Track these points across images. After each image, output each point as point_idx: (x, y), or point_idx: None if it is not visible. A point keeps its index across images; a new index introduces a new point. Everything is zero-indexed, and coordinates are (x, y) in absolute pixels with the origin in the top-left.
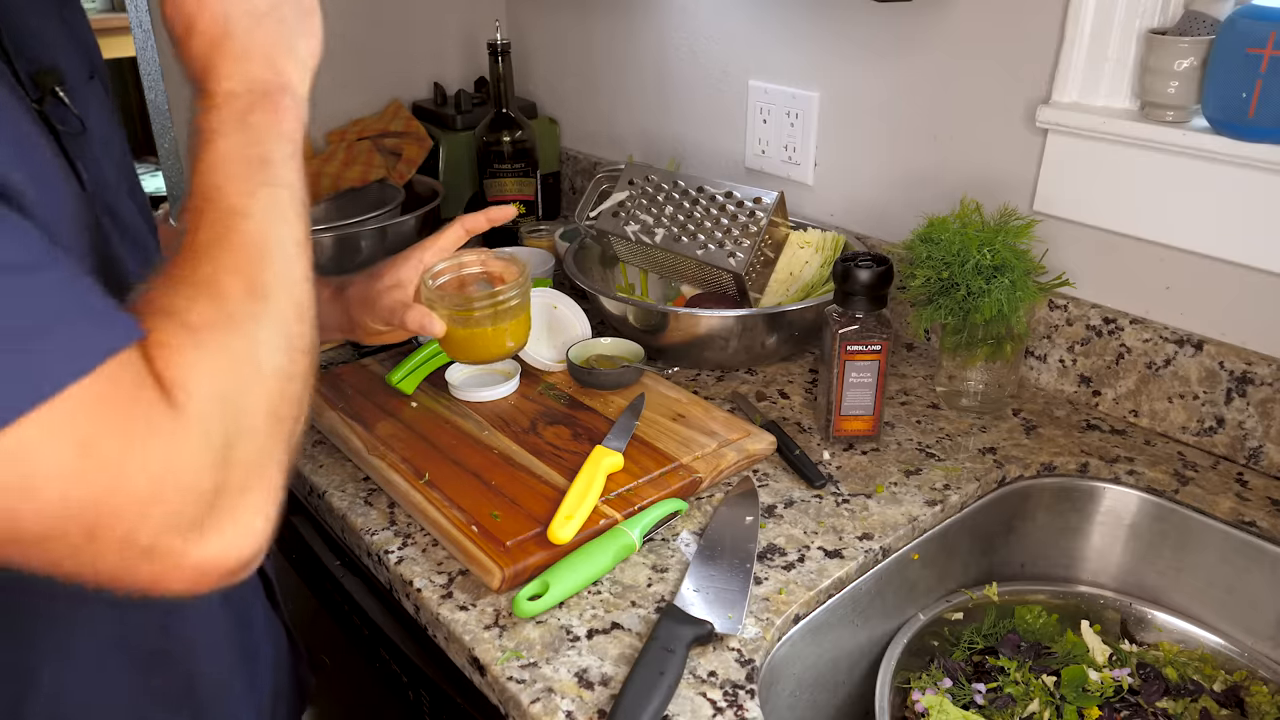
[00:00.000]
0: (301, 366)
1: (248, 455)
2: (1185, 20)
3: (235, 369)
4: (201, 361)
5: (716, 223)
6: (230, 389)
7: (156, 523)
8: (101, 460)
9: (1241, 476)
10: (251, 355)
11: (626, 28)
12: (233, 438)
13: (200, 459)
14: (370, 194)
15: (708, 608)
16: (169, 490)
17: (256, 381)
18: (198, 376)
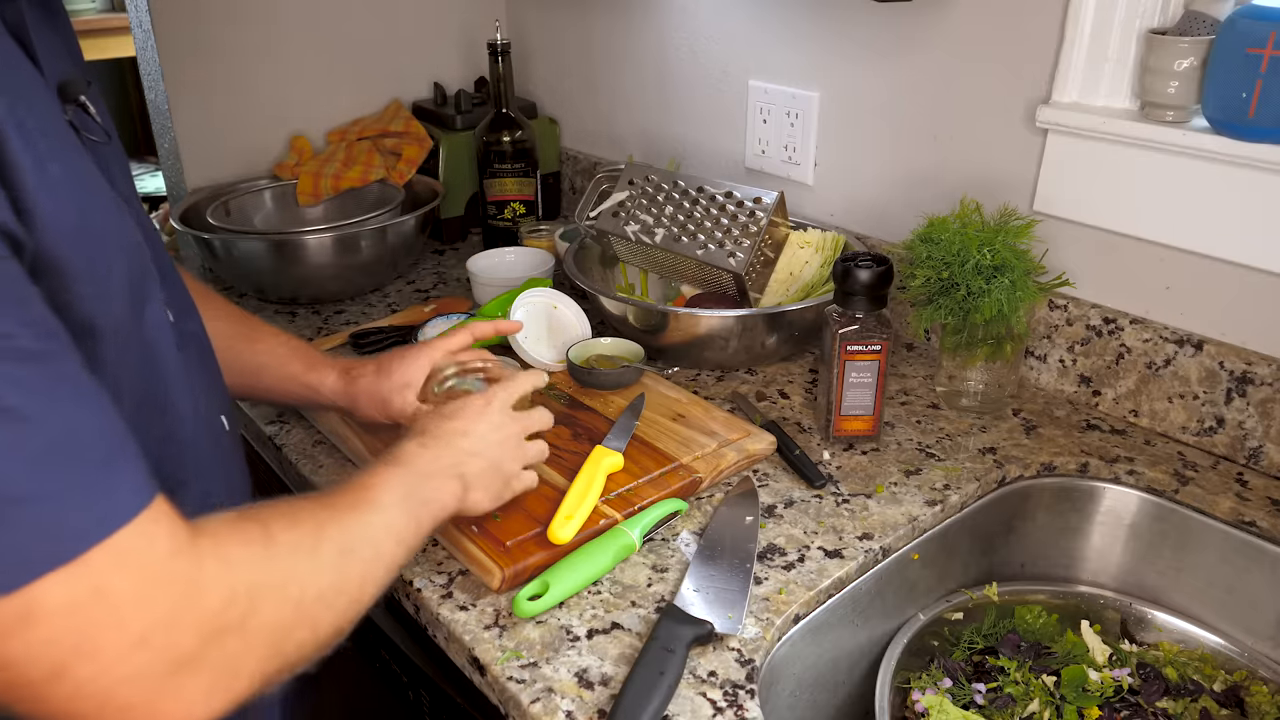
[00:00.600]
0: (320, 637)
1: (236, 650)
2: (1185, 20)
3: (277, 586)
4: (254, 560)
5: (716, 223)
6: (260, 596)
7: (128, 671)
8: (109, 605)
9: (1241, 476)
10: (299, 591)
11: (626, 28)
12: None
13: (200, 626)
14: (370, 194)
15: (708, 608)
16: (156, 642)
17: (287, 610)
18: (244, 568)
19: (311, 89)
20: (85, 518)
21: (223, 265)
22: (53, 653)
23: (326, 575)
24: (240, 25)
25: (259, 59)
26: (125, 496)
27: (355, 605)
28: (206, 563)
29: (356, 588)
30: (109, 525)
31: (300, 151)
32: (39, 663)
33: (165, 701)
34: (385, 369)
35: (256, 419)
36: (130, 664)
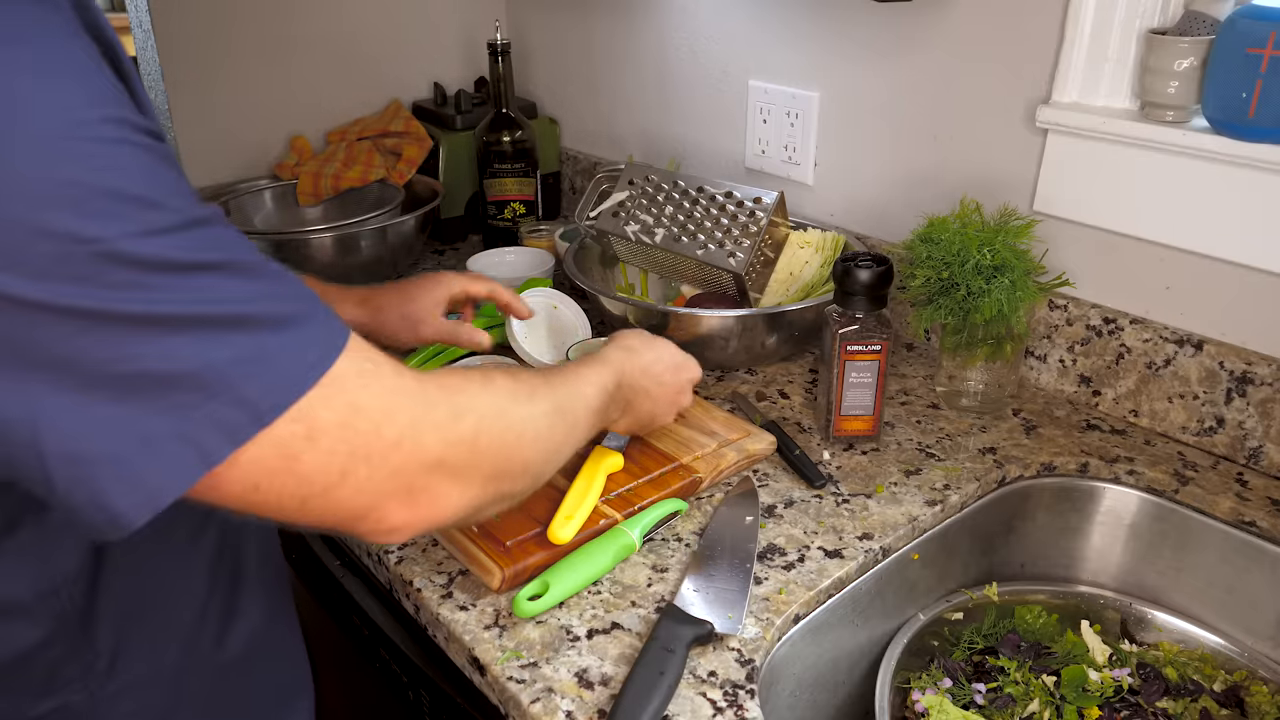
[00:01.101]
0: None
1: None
2: (1185, 20)
3: (495, 416)
4: (474, 391)
5: (716, 223)
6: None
7: (391, 468)
8: (367, 416)
9: (1241, 476)
10: (517, 428)
11: (626, 28)
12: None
13: (439, 433)
14: (370, 194)
15: (708, 608)
16: (407, 444)
17: (509, 438)
18: (465, 395)
19: (311, 89)
20: (323, 339)
21: None
22: (336, 461)
23: (538, 422)
24: (240, 25)
25: (259, 59)
26: (337, 324)
27: (555, 459)
28: (429, 383)
29: (560, 443)
30: (339, 345)
31: (300, 151)
32: (328, 471)
33: (419, 495)
34: (410, 294)
35: None
36: (391, 462)
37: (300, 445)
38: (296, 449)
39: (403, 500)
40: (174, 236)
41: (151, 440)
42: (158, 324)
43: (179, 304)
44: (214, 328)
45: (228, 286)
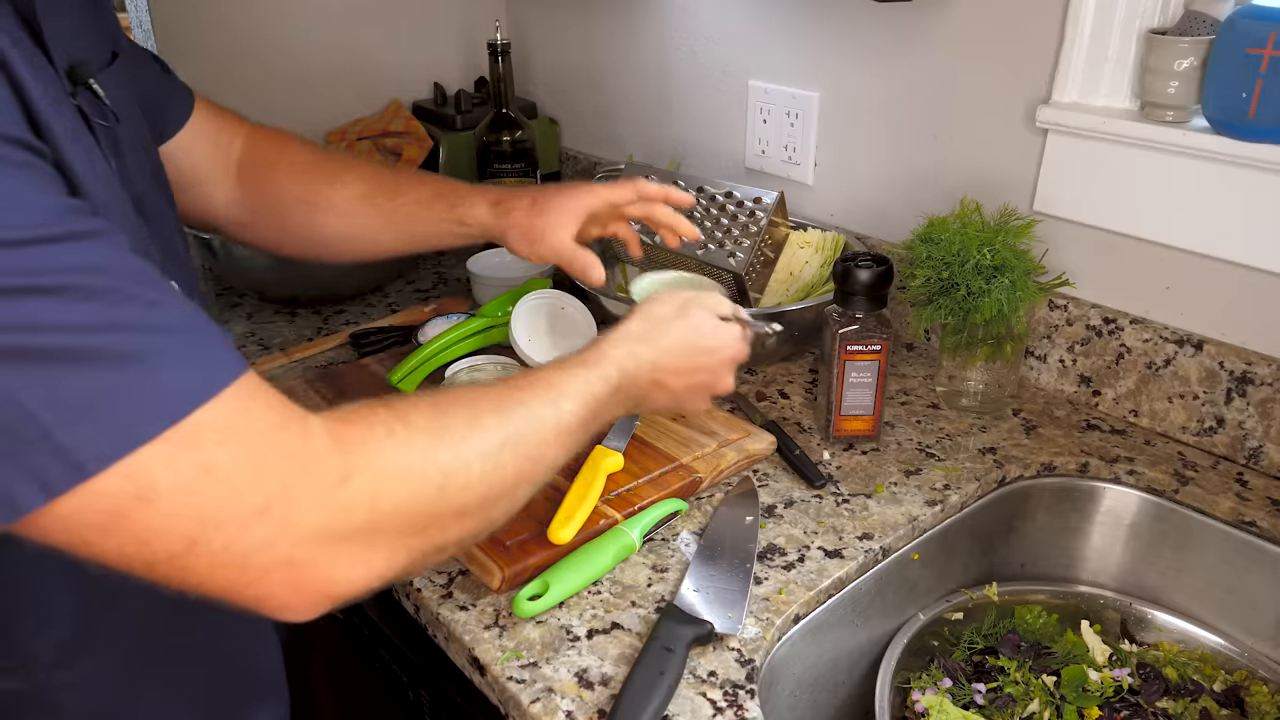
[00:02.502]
0: (467, 528)
1: (367, 526)
2: (1185, 20)
3: (409, 470)
4: (377, 443)
5: (716, 223)
6: (387, 478)
7: (256, 540)
8: (220, 477)
9: (1241, 476)
10: (440, 478)
11: (626, 28)
12: (372, 494)
13: (319, 499)
14: None
15: (708, 608)
16: (276, 511)
17: (428, 493)
18: (363, 449)
19: (311, 89)
20: (180, 384)
21: (222, 265)
22: (180, 526)
23: (474, 464)
24: (240, 25)
25: (259, 59)
26: (216, 367)
27: (510, 494)
28: (315, 439)
29: (514, 477)
30: (203, 394)
31: None
32: (171, 536)
33: (303, 569)
34: (541, 205)
35: None
36: (257, 533)
37: (130, 504)
38: (126, 508)
39: (284, 574)
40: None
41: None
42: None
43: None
44: (34, 362)
45: (62, 314)
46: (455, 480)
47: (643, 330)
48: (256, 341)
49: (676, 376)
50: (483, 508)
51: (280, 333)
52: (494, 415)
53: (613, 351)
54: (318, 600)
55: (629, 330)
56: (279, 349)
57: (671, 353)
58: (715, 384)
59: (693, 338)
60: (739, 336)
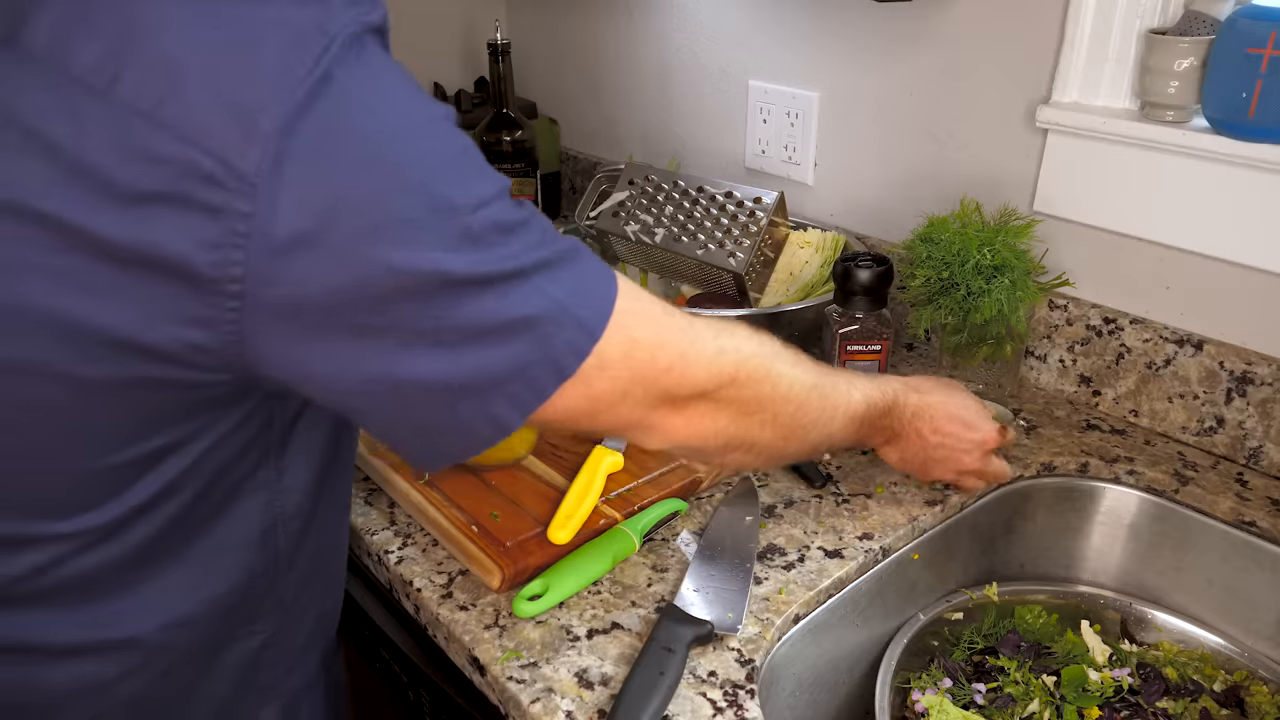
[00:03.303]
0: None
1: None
2: (1185, 20)
3: (760, 367)
4: (738, 337)
5: (716, 223)
6: (743, 364)
7: (661, 390)
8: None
9: (1241, 476)
10: (773, 385)
11: (627, 28)
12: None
13: (703, 365)
14: None
15: (708, 608)
16: (676, 371)
17: (765, 389)
18: (727, 338)
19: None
20: (605, 287)
21: None
22: (619, 385)
23: (795, 385)
24: None
25: None
26: (602, 268)
27: (803, 432)
28: (698, 323)
29: (812, 419)
30: (614, 289)
31: None
32: (613, 392)
33: (685, 413)
34: None
35: None
36: (660, 387)
37: (593, 373)
38: (590, 377)
39: (668, 415)
40: (500, 201)
41: (526, 365)
42: (514, 277)
43: (520, 257)
44: (548, 269)
45: (537, 232)
46: (783, 386)
47: (921, 384)
48: None
49: (933, 433)
50: (790, 423)
51: None
52: (814, 365)
53: (894, 382)
54: (686, 438)
55: (913, 380)
56: None
57: (935, 410)
58: (960, 460)
59: (957, 410)
60: (996, 432)
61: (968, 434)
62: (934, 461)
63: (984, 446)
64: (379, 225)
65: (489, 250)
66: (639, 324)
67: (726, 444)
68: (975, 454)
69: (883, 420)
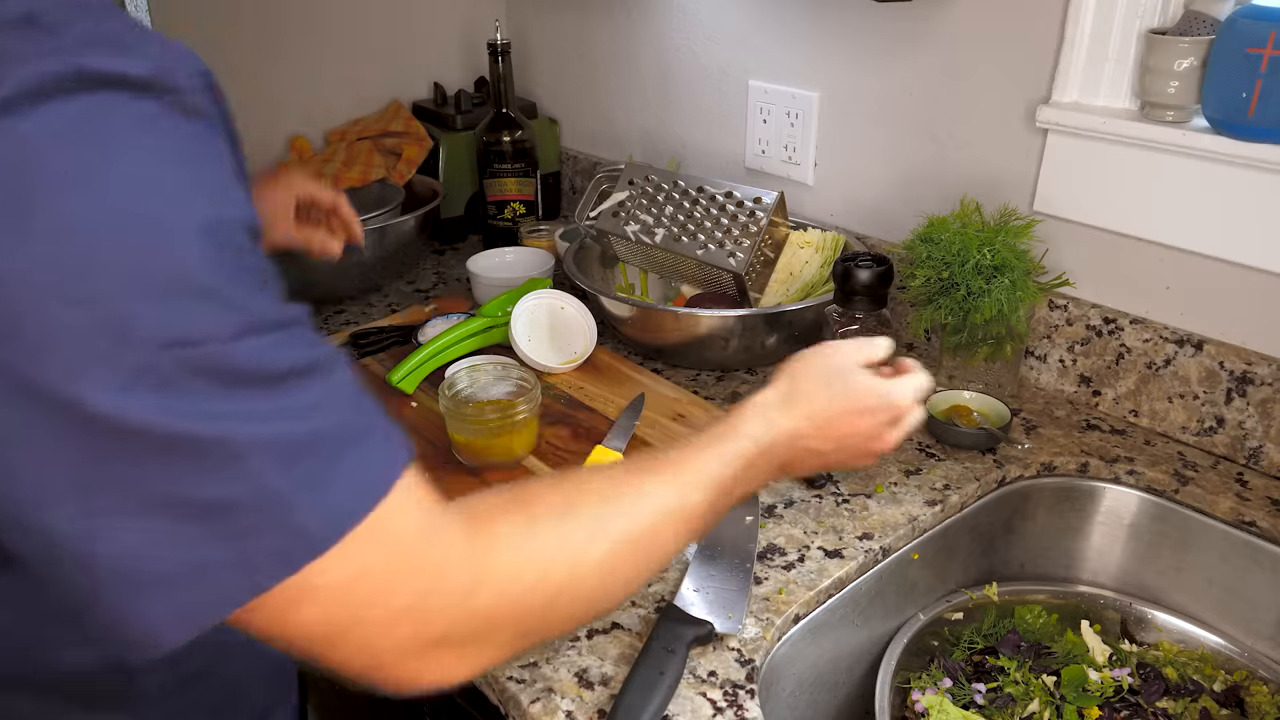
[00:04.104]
0: (577, 618)
1: (483, 628)
2: (1185, 20)
3: (531, 578)
4: (508, 547)
5: (716, 223)
6: (509, 584)
7: (390, 643)
8: (371, 583)
9: (1241, 476)
10: (554, 586)
11: (627, 28)
12: (492, 605)
13: (447, 612)
14: (370, 194)
15: (708, 608)
16: (413, 619)
17: (537, 599)
18: (492, 556)
19: (311, 89)
20: (365, 486)
21: None
22: (324, 630)
23: (593, 571)
24: (240, 25)
25: (259, 59)
26: (380, 468)
27: (624, 591)
28: (454, 548)
29: (630, 575)
30: (368, 503)
31: (300, 151)
32: (315, 634)
33: (423, 664)
34: (256, 193)
35: None
36: (392, 637)
37: (287, 607)
38: (296, 600)
39: (404, 669)
40: (262, 338)
41: (207, 566)
42: (229, 447)
43: (256, 423)
44: (288, 449)
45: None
46: (567, 592)
47: (782, 396)
48: None
49: (825, 441)
50: (590, 609)
51: None
52: (619, 518)
53: (746, 426)
54: (426, 688)
55: (768, 399)
56: None
57: (815, 419)
58: (872, 446)
59: (844, 404)
60: (901, 394)
61: (867, 422)
62: (852, 458)
63: (891, 422)
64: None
65: (179, 400)
66: (382, 546)
67: (504, 661)
68: (888, 433)
69: (749, 474)
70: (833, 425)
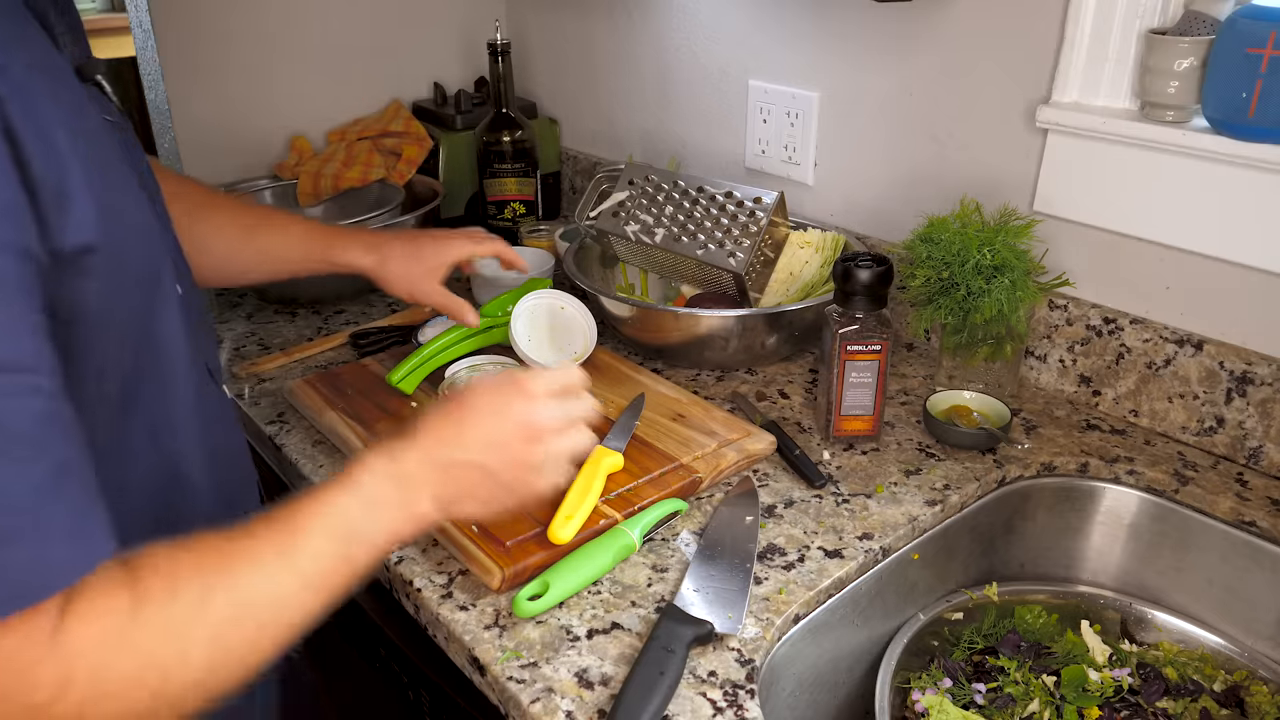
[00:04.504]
0: (191, 706)
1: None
2: (1185, 20)
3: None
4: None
5: (716, 223)
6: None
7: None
8: None
9: (1241, 476)
10: (159, 677)
11: (626, 27)
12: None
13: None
14: (370, 194)
15: (708, 608)
16: None
17: (143, 695)
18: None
19: (311, 89)
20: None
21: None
22: None
23: (198, 654)
24: (240, 25)
25: (259, 59)
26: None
27: (239, 671)
28: (39, 648)
29: (242, 658)
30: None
31: (300, 151)
32: None
33: None
34: (417, 251)
35: (256, 418)
36: None
37: None
38: None
39: None
40: None
41: None
42: None
43: None
44: None
45: None
46: (173, 681)
47: (426, 430)
48: (256, 341)
49: (462, 449)
50: (202, 694)
51: (280, 333)
52: (225, 591)
53: (374, 463)
54: None
55: (396, 442)
56: (279, 349)
57: (437, 432)
58: (525, 453)
59: (463, 414)
60: (563, 415)
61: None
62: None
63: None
64: None
65: None
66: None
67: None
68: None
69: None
70: (464, 432)
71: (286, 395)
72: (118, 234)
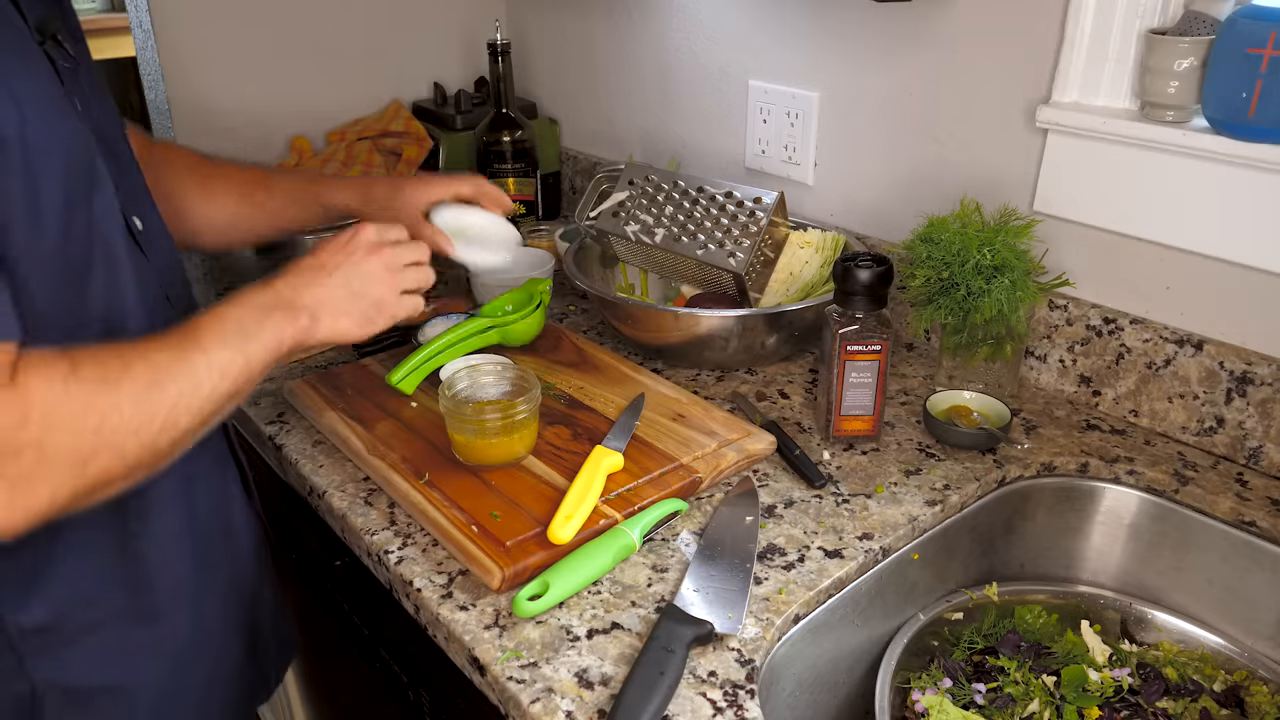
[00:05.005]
0: (129, 462)
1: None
2: (1185, 20)
3: (73, 415)
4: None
5: (716, 223)
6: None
7: None
8: None
9: (1241, 476)
10: (98, 420)
11: (626, 27)
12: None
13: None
14: None
15: (708, 608)
16: None
17: (85, 438)
18: (39, 395)
19: (311, 89)
20: None
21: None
22: None
23: (128, 407)
24: (240, 25)
25: (259, 59)
26: None
27: (169, 432)
28: (9, 400)
29: (165, 418)
30: None
31: (300, 151)
32: None
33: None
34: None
35: (256, 418)
36: None
37: None
38: None
39: None
40: None
41: None
42: None
43: None
44: None
45: None
46: (109, 423)
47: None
48: None
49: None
50: (140, 447)
51: None
52: (142, 364)
53: (251, 290)
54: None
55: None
56: None
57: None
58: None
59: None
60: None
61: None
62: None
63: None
64: None
65: None
66: None
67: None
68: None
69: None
70: (319, 259)
71: (286, 395)
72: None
